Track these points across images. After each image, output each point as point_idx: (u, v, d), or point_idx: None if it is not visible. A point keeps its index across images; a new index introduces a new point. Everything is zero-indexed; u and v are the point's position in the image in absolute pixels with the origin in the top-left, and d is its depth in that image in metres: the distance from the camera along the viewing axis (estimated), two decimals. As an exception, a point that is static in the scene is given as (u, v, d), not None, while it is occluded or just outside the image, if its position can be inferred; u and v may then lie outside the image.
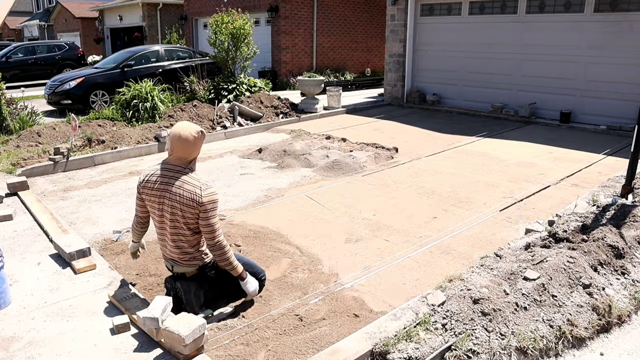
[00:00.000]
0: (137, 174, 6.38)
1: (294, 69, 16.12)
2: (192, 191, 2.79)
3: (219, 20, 10.80)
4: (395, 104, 11.96)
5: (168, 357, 2.58)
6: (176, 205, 2.81)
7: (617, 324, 2.94)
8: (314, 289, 3.45)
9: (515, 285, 2.97)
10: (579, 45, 8.96)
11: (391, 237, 4.32)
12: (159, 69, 11.97)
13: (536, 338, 2.61)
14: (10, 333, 2.81)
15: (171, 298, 2.80)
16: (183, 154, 2.87)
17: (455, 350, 2.48)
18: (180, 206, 2.80)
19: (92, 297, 3.18)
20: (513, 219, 4.70)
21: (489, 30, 10.26)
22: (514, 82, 10.06)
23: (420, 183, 5.80)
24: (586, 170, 6.30)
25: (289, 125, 9.42)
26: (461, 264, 3.75)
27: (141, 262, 3.87)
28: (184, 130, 2.86)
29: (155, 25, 23.54)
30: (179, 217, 2.83)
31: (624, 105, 8.45)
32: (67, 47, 19.75)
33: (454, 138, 8.20)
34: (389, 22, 11.81)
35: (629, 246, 3.52)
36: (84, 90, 11.05)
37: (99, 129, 7.84)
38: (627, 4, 8.29)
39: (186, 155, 2.88)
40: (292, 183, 5.87)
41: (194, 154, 2.92)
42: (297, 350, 2.79)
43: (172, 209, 2.83)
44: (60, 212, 4.93)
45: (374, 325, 2.73)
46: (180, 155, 2.88)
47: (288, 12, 15.70)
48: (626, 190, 4.62)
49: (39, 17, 35.10)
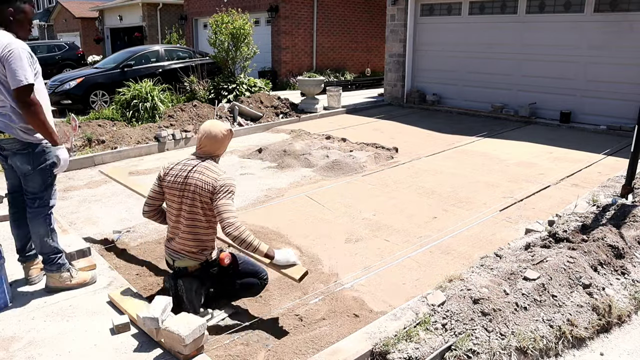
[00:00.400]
0: (137, 174, 6.38)
1: (294, 69, 16.12)
2: (212, 177, 2.88)
3: (219, 20, 10.80)
4: (395, 104, 11.96)
5: (168, 357, 2.58)
6: (196, 191, 2.88)
7: (617, 324, 2.94)
8: (314, 289, 3.45)
9: (515, 285, 2.97)
10: (579, 45, 8.96)
11: (391, 237, 4.32)
12: (159, 69, 11.98)
13: (536, 338, 2.61)
14: (10, 333, 2.81)
15: (171, 298, 2.80)
16: (211, 149, 3.01)
17: (455, 350, 2.48)
18: (199, 191, 2.87)
19: (92, 297, 3.18)
20: (513, 219, 4.70)
21: (489, 30, 10.26)
22: (514, 82, 10.06)
23: (420, 183, 5.80)
24: (586, 170, 6.30)
25: (289, 125, 9.42)
26: (461, 264, 3.76)
27: (141, 262, 3.88)
28: (213, 127, 3.01)
29: (155, 25, 23.54)
30: (197, 203, 2.89)
31: (624, 105, 8.46)
32: (67, 47, 19.75)
33: (454, 138, 8.20)
34: (389, 22, 11.82)
35: (629, 246, 3.52)
36: (84, 90, 11.05)
37: (99, 129, 7.84)
38: (627, 4, 8.30)
39: (213, 150, 3.02)
40: (292, 183, 5.87)
41: (220, 150, 3.05)
42: (297, 350, 2.79)
43: (192, 196, 2.89)
44: (60, 212, 4.92)
45: (374, 325, 2.73)
46: (207, 150, 3.01)
47: (288, 12, 15.70)
48: (626, 190, 4.62)
49: (39, 17, 35.09)
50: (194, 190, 2.89)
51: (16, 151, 2.95)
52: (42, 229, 3.08)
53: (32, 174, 2.99)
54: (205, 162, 2.97)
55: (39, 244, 3.12)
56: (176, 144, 7.88)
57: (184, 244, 2.98)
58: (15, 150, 2.95)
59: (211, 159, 3.01)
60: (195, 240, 2.97)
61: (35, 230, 3.08)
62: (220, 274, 3.10)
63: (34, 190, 3.04)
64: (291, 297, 3.35)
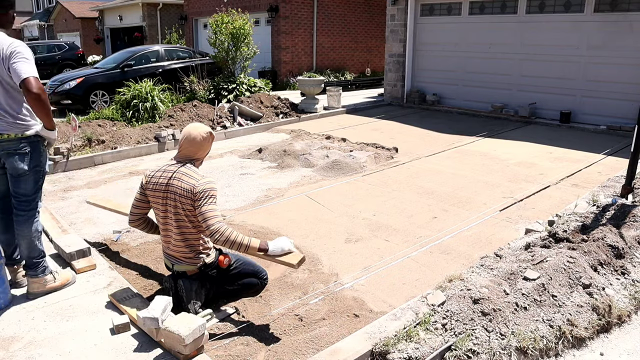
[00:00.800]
0: (137, 174, 6.38)
1: (294, 69, 16.12)
2: (190, 183, 2.85)
3: (219, 20, 10.80)
4: (395, 104, 11.96)
5: (168, 357, 2.58)
6: (177, 199, 2.86)
7: (617, 324, 2.94)
8: (314, 289, 3.45)
9: (515, 285, 2.97)
10: (579, 45, 8.96)
11: (391, 237, 4.32)
12: (159, 69, 11.98)
13: (536, 338, 2.61)
14: (10, 333, 2.81)
15: (171, 298, 2.80)
16: (189, 152, 2.99)
17: (455, 350, 2.48)
18: (179, 198, 2.85)
19: (92, 297, 3.18)
20: (513, 219, 4.70)
21: (489, 30, 10.26)
22: (514, 82, 10.06)
23: (420, 183, 5.80)
24: (586, 170, 6.30)
25: (289, 125, 9.42)
26: (461, 264, 3.76)
27: (141, 262, 3.88)
28: (194, 129, 2.99)
29: (155, 25, 23.54)
30: (180, 211, 2.88)
31: (624, 105, 8.45)
32: (67, 47, 19.76)
33: (454, 138, 8.20)
34: (389, 22, 11.81)
35: (629, 246, 3.52)
36: (84, 90, 11.05)
37: (99, 129, 7.84)
38: (627, 4, 8.29)
39: (192, 153, 2.99)
40: (292, 183, 5.87)
41: (199, 153, 3.01)
42: (297, 350, 2.79)
43: (174, 204, 2.88)
44: (60, 212, 4.93)
45: (374, 325, 2.73)
46: (186, 153, 2.99)
47: (288, 12, 15.70)
48: (626, 190, 4.62)
49: (39, 17, 35.09)
50: (174, 198, 2.87)
51: (13, 151, 2.97)
52: (32, 232, 3.08)
53: (27, 175, 3.02)
54: (184, 168, 2.92)
55: (26, 247, 3.10)
56: (176, 144, 7.88)
57: (178, 250, 2.98)
58: (12, 150, 2.97)
59: (191, 163, 2.96)
60: (189, 246, 2.96)
61: (26, 234, 3.07)
62: (220, 275, 3.10)
63: (25, 192, 3.05)
64: (291, 297, 3.35)
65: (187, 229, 2.92)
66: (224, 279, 3.12)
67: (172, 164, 2.99)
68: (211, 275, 3.07)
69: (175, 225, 2.91)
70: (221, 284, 3.13)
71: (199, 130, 2.98)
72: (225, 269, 3.08)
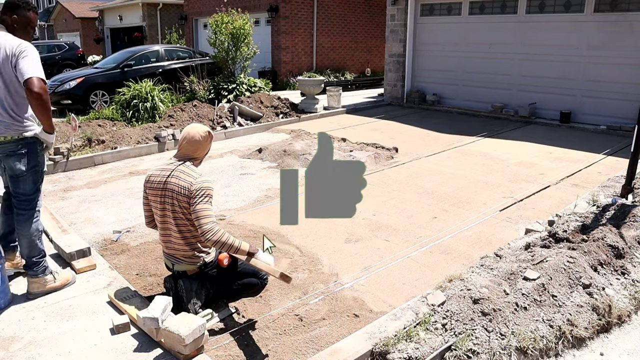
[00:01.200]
0: (137, 174, 6.38)
1: (294, 69, 16.12)
2: (187, 181, 2.86)
3: (219, 20, 10.80)
4: (395, 104, 11.96)
5: (168, 357, 2.58)
6: (174, 196, 2.87)
7: (617, 324, 2.94)
8: (314, 289, 3.45)
9: (515, 285, 2.97)
10: (579, 45, 8.96)
11: (391, 237, 4.32)
12: (159, 69, 11.98)
13: (536, 338, 2.61)
14: (11, 333, 2.81)
15: (171, 298, 2.80)
16: (189, 151, 3.01)
17: (455, 350, 2.48)
18: (177, 196, 2.86)
19: (92, 297, 3.18)
20: (513, 219, 4.70)
21: (489, 30, 10.26)
22: (514, 82, 10.06)
23: (420, 183, 5.80)
24: (586, 170, 6.30)
25: (289, 125, 9.42)
26: (461, 264, 3.76)
27: (141, 262, 3.88)
28: (193, 129, 3.03)
29: (155, 25, 23.54)
30: (177, 209, 2.89)
31: (624, 105, 8.46)
32: (67, 47, 19.73)
33: (454, 138, 8.20)
34: (389, 22, 11.82)
35: (629, 246, 3.52)
36: (84, 90, 11.04)
37: (99, 129, 7.84)
38: (627, 4, 8.30)
39: (191, 152, 3.02)
40: (292, 183, 5.87)
41: (198, 152, 3.04)
42: (297, 350, 2.79)
43: (172, 201, 2.89)
44: (60, 212, 4.92)
45: (374, 325, 2.73)
46: (186, 152, 3.02)
47: (288, 12, 15.70)
48: (626, 190, 4.62)
49: (39, 17, 34.99)
50: (172, 196, 2.88)
51: (11, 152, 2.98)
52: (32, 231, 3.09)
53: (25, 176, 3.03)
54: (182, 166, 2.94)
55: (27, 247, 3.11)
56: (176, 144, 7.87)
57: (178, 249, 2.98)
58: (9, 152, 2.98)
59: (190, 162, 2.99)
60: (188, 244, 2.96)
61: (26, 233, 3.08)
62: (220, 274, 3.10)
63: (25, 192, 3.07)
64: (291, 297, 3.35)
65: (186, 227, 2.92)
66: (224, 279, 3.12)
67: (171, 162, 3.01)
68: (211, 274, 3.07)
69: (174, 223, 2.92)
70: (221, 284, 3.13)
71: (198, 129, 3.02)
72: (226, 268, 3.08)
